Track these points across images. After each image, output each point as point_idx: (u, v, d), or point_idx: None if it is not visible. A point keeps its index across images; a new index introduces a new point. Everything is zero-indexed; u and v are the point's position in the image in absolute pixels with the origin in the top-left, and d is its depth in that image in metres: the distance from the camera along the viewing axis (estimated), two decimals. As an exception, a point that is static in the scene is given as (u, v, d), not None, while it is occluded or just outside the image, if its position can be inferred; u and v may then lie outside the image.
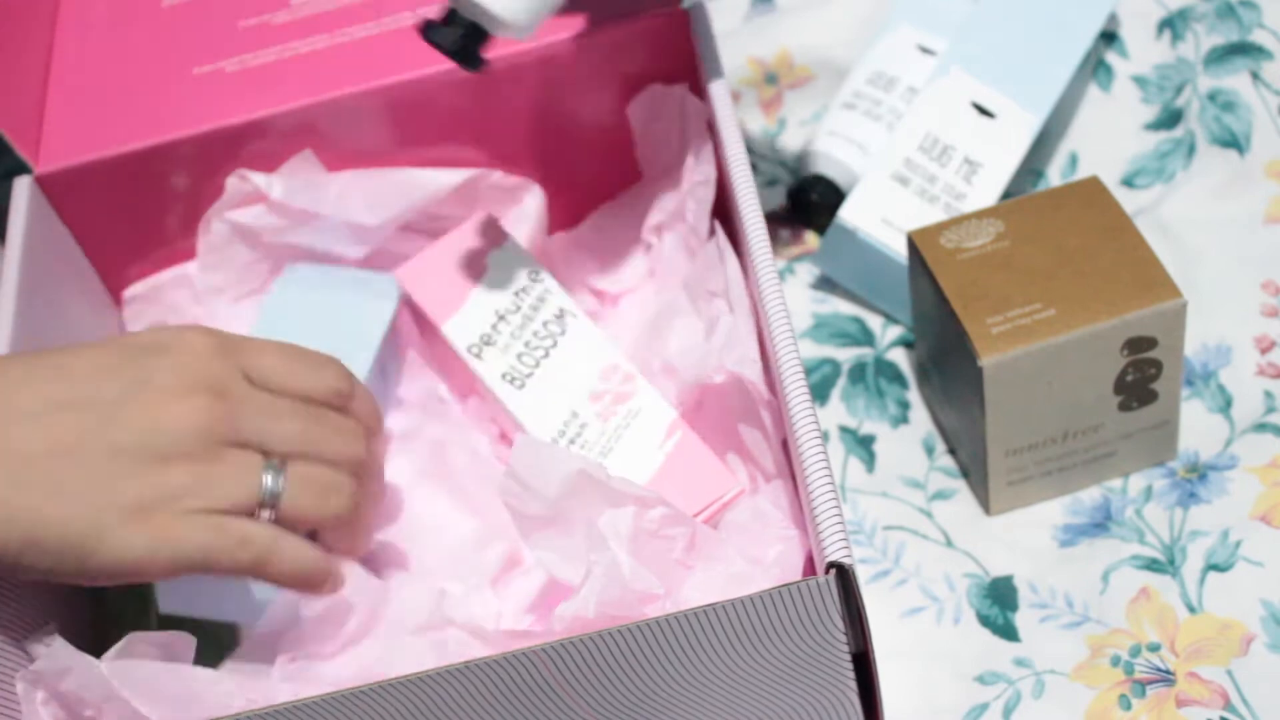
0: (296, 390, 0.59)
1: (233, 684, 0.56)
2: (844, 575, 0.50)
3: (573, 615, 0.54)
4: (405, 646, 0.59)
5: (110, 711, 0.55)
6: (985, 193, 0.74)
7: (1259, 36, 0.80)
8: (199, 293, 0.74)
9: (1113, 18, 0.83)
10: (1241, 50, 0.79)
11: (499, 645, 0.57)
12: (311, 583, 0.59)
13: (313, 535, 0.60)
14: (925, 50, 0.78)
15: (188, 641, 0.57)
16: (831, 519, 0.51)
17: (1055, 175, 0.79)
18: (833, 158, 0.78)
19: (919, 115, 0.75)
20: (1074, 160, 0.79)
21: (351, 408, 0.61)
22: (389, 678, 0.50)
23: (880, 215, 0.73)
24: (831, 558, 0.50)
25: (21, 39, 0.74)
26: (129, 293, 0.76)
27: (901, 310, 0.74)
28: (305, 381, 0.60)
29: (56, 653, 0.55)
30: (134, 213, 0.73)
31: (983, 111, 0.75)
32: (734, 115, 0.66)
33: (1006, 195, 0.76)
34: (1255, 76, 0.78)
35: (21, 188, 0.70)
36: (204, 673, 0.56)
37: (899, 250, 0.72)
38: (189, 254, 0.75)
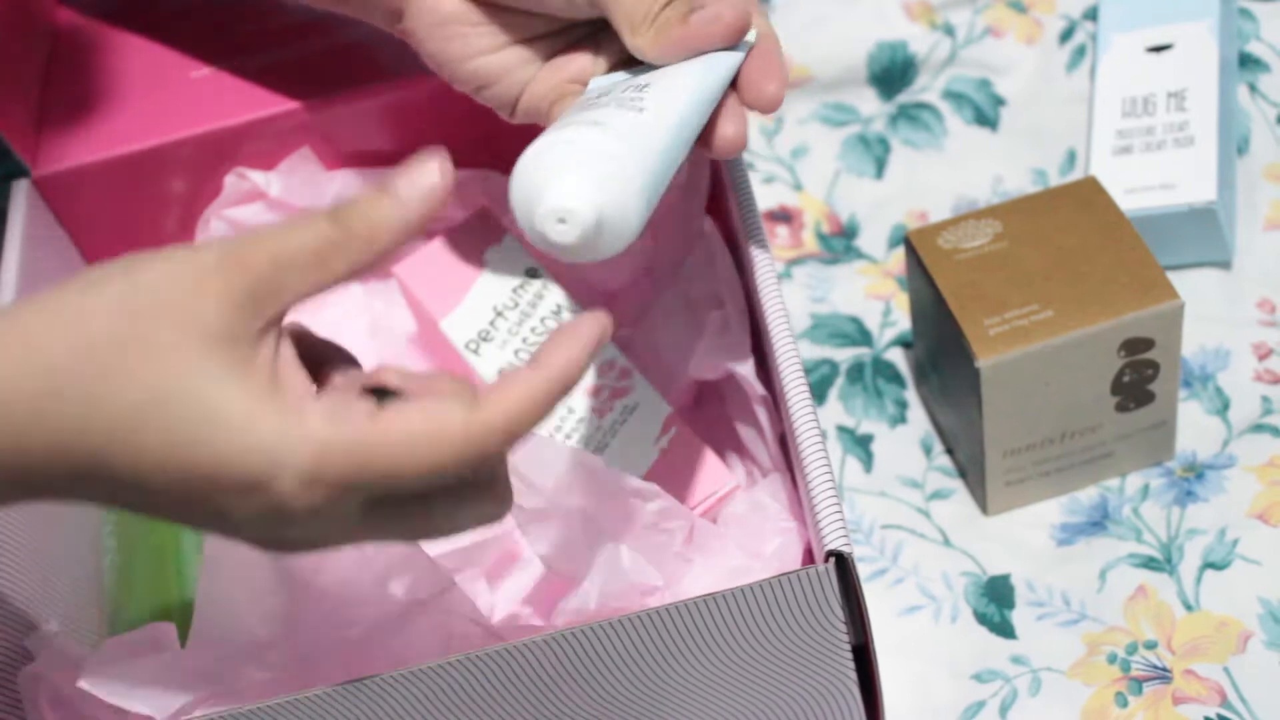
0: None
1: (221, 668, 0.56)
2: (843, 565, 0.50)
3: (575, 609, 0.54)
4: (409, 626, 0.58)
5: (111, 708, 0.55)
6: (1203, 110, 0.74)
7: (1255, 49, 0.80)
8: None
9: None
10: (1239, 63, 0.79)
11: (501, 637, 0.56)
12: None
13: None
14: (1155, 49, 0.79)
15: (168, 630, 0.57)
16: (830, 510, 0.51)
17: (1054, 174, 0.79)
18: None
19: (1105, 91, 0.77)
20: (1072, 158, 0.80)
21: None
22: (391, 670, 0.50)
23: (1123, 188, 0.73)
24: (830, 547, 0.49)
25: (19, 41, 0.74)
26: (126, 294, 0.76)
27: (1219, 249, 0.73)
28: None
29: (59, 650, 0.55)
30: (131, 215, 0.73)
31: (1159, 49, 0.77)
32: None
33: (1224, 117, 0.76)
34: (1252, 89, 0.79)
35: (20, 190, 0.70)
36: (192, 660, 0.56)
37: (1160, 204, 0.72)
38: (186, 256, 0.75)
